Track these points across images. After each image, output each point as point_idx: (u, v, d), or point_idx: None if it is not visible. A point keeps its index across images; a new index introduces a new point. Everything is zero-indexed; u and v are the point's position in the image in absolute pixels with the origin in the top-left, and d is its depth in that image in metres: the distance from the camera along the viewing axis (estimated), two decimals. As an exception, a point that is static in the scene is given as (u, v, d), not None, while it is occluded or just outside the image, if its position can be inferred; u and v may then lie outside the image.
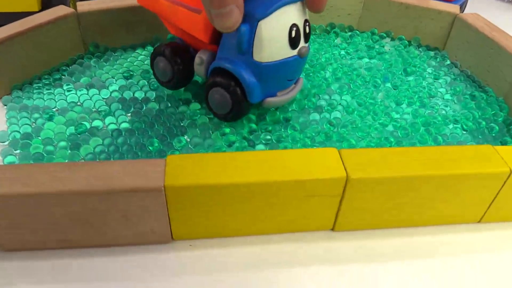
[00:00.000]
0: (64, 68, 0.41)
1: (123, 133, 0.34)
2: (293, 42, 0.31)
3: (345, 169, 0.25)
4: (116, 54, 0.44)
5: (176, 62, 0.35)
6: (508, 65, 0.38)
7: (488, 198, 0.28)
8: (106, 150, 0.32)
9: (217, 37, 0.33)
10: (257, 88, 0.32)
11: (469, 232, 0.29)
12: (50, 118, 0.35)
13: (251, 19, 0.29)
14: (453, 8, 0.46)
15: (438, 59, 0.46)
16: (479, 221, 0.29)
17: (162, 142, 0.33)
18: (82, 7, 0.43)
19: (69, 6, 0.47)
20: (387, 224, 0.28)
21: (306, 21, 0.32)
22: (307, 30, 0.32)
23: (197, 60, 0.35)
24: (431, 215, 0.28)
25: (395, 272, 0.26)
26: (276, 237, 0.28)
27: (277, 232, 0.28)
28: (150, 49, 0.45)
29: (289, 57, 0.31)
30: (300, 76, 0.36)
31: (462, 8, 0.57)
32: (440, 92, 0.41)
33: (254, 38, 0.30)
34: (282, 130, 0.35)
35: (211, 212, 0.26)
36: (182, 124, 0.35)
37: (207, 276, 0.26)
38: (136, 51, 0.44)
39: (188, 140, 0.34)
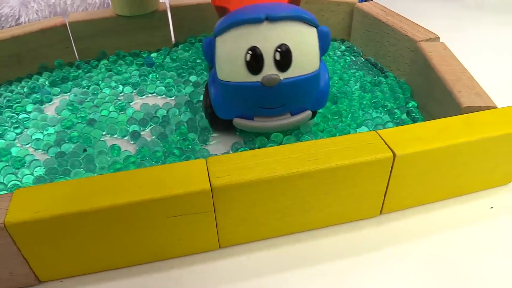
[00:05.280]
0: None
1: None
2: (252, 67, 0.27)
3: (209, 179, 0.22)
4: (0, 90, 0.41)
5: None
6: (405, 47, 0.37)
7: (380, 188, 0.26)
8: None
9: None
10: (220, 104, 0.30)
11: (369, 227, 0.27)
12: None
13: (214, 33, 0.29)
14: (351, -2, 0.45)
15: (342, 49, 0.44)
16: (380, 214, 0.28)
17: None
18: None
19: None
20: (275, 233, 0.26)
21: (281, 45, 0.27)
22: (278, 57, 0.27)
23: None
24: (322, 216, 0.26)
25: (290, 282, 0.24)
26: (154, 265, 0.25)
27: (153, 260, 0.25)
28: (36, 77, 0.42)
29: (248, 82, 0.28)
30: (307, 109, 0.31)
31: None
32: (342, 80, 0.39)
33: (215, 54, 0.29)
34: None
35: (70, 246, 0.23)
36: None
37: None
38: (22, 83, 0.41)
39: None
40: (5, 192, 0.29)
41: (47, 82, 0.41)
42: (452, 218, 0.27)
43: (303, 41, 0.28)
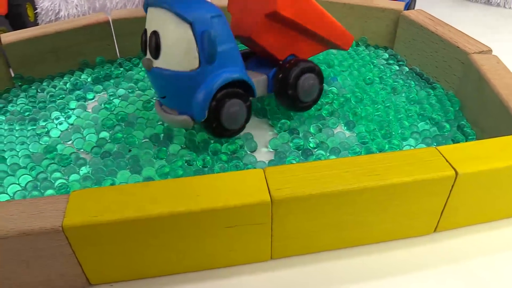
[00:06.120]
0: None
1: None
2: (142, 49, 0.29)
3: (269, 191, 0.22)
4: (43, 84, 0.41)
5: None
6: (454, 58, 0.36)
7: (438, 206, 0.25)
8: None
9: None
10: None
11: (423, 244, 0.26)
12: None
13: None
14: (397, 5, 0.44)
15: (385, 57, 0.43)
16: (434, 231, 0.27)
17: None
18: (7, 37, 0.40)
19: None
20: (328, 246, 0.26)
21: (154, 31, 0.27)
22: (148, 42, 0.28)
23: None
24: (376, 231, 0.25)
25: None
26: (204, 273, 0.25)
27: (204, 269, 0.25)
28: (78, 74, 0.42)
29: None
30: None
31: (411, 7, 0.56)
32: (385, 91, 0.38)
33: None
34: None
35: (126, 251, 0.23)
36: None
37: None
38: (64, 78, 0.41)
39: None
40: (52, 190, 0.29)
41: (89, 79, 0.41)
42: (508, 238, 0.26)
43: (171, 33, 0.27)
